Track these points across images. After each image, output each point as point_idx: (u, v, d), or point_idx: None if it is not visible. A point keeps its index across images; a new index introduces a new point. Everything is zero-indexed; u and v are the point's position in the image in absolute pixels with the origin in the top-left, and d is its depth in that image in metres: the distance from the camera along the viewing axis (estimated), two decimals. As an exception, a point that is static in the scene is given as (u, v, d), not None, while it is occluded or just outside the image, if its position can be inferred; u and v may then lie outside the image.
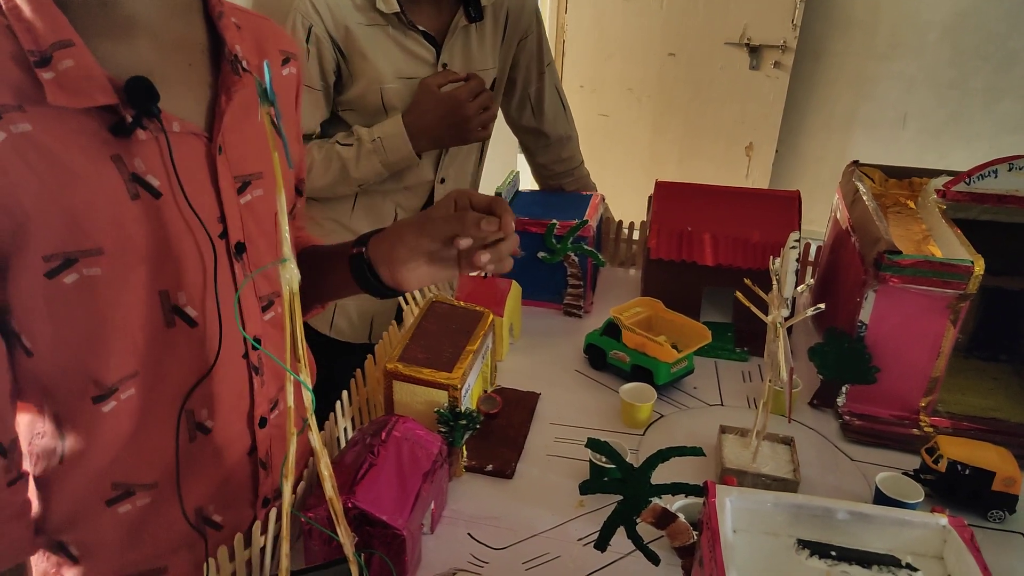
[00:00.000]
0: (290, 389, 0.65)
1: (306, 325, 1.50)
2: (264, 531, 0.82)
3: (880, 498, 0.99)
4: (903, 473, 1.03)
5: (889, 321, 1.15)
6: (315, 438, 0.68)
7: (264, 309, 0.86)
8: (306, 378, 0.65)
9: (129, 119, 0.69)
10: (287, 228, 0.61)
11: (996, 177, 1.23)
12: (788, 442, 1.09)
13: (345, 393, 1.03)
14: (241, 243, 0.80)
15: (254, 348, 0.82)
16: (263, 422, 0.86)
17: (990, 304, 1.35)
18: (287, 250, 0.62)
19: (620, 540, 0.83)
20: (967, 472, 1.00)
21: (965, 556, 0.64)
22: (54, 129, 0.67)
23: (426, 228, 0.87)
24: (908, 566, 0.59)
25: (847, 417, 1.19)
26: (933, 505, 1.00)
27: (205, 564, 0.75)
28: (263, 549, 0.83)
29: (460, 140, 1.39)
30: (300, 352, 0.65)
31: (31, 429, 0.77)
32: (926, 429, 1.17)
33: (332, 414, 0.99)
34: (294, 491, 0.88)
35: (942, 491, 1.02)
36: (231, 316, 0.81)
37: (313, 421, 0.68)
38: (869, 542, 0.69)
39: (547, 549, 0.93)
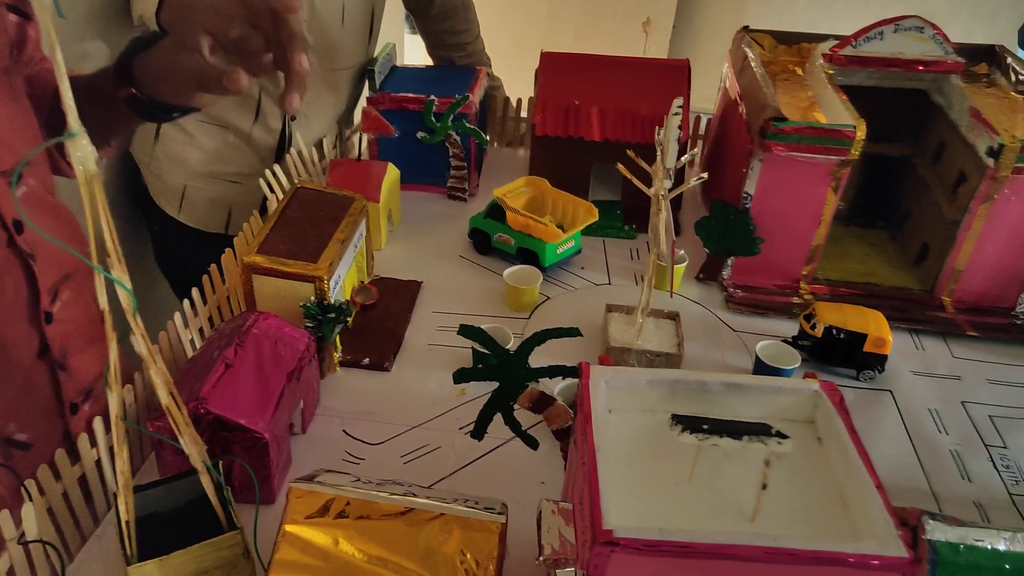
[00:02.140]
0: (100, 289, 0.56)
1: (153, 205, 1.37)
2: (94, 443, 0.74)
3: (759, 366, 1.00)
4: (782, 341, 1.04)
5: (774, 191, 1.13)
6: (140, 343, 0.60)
7: (13, 184, 0.71)
8: (121, 275, 0.56)
9: None
10: (70, 93, 0.50)
11: (882, 39, 1.20)
12: (673, 317, 1.08)
13: (196, 291, 0.94)
14: None
15: (17, 233, 0.71)
16: (48, 317, 0.75)
17: (870, 171, 1.36)
18: (75, 121, 0.51)
19: (503, 427, 0.80)
20: (841, 336, 1.01)
21: (834, 418, 0.64)
22: None
23: (181, 81, 0.71)
24: (778, 433, 0.58)
25: (731, 289, 1.19)
26: (807, 370, 1.02)
27: (23, 487, 0.66)
28: (99, 464, 0.75)
29: None
30: (111, 245, 0.56)
31: None
32: (806, 297, 1.19)
33: (177, 315, 0.90)
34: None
35: (818, 355, 1.03)
36: None
37: (136, 324, 0.59)
38: (744, 411, 0.68)
39: (427, 441, 0.89)
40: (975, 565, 0.56)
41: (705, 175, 0.91)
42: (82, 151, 0.52)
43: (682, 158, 0.92)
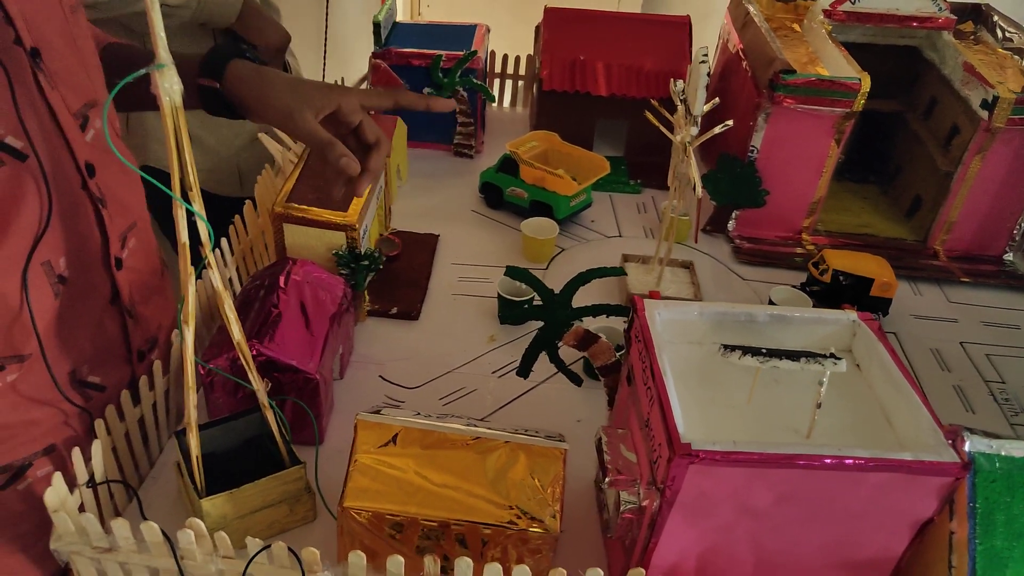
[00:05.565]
0: (182, 222, 0.57)
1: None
2: (152, 386, 0.74)
3: (774, 311, 1.04)
4: (792, 287, 1.08)
5: (780, 144, 1.17)
6: (216, 277, 0.61)
7: (82, 128, 0.69)
8: (200, 209, 0.57)
9: None
10: (160, 22, 0.51)
11: (879, -4, 1.25)
12: (687, 266, 1.11)
13: (224, 241, 0.94)
14: (36, 48, 0.63)
15: (90, 176, 0.68)
16: (119, 263, 0.75)
17: (862, 127, 1.40)
18: (164, 52, 0.51)
19: (533, 370, 0.82)
20: (848, 281, 1.06)
21: (875, 345, 0.68)
22: None
23: (289, 125, 0.80)
24: (832, 355, 0.61)
25: (738, 241, 1.23)
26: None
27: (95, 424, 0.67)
28: (155, 406, 0.76)
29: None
30: (190, 178, 0.56)
31: None
32: (808, 247, 1.24)
33: (209, 263, 0.90)
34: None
35: (826, 300, 1.08)
36: (54, 144, 0.65)
37: (212, 257, 0.60)
38: (784, 341, 0.71)
39: (463, 384, 0.92)
40: (1009, 473, 0.61)
41: (730, 122, 0.94)
42: (169, 81, 0.52)
43: (705, 105, 0.95)
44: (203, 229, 0.58)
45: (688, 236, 1.21)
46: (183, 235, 0.57)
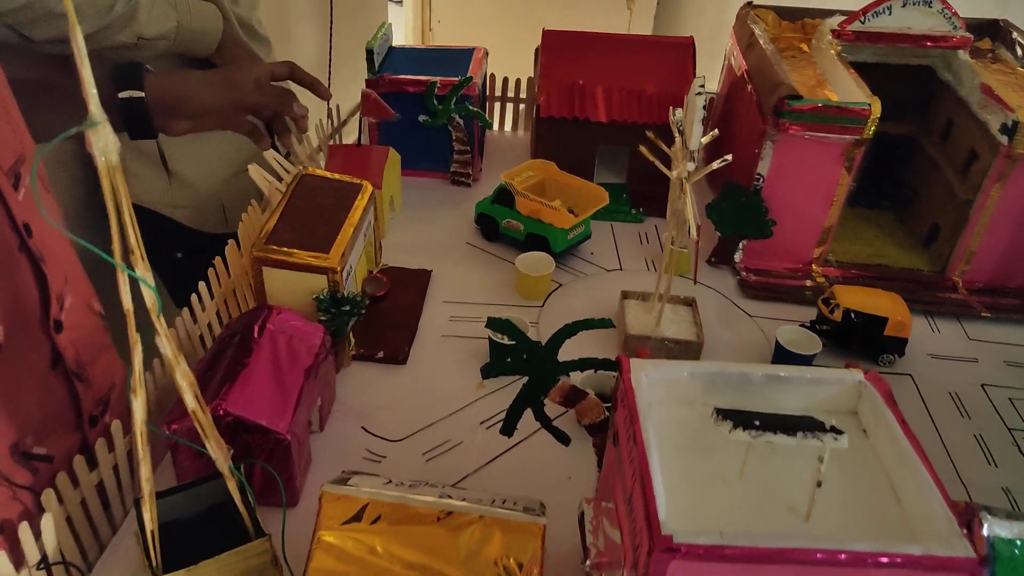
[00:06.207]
0: (124, 288, 0.53)
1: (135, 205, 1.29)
2: (111, 449, 0.71)
3: (780, 352, 0.98)
4: (800, 325, 1.03)
5: (787, 172, 1.11)
6: (166, 345, 0.57)
7: (15, 187, 0.64)
8: (144, 273, 0.53)
9: None
10: (91, 79, 0.47)
11: (890, 14, 1.19)
12: (690, 303, 1.06)
13: (203, 285, 0.90)
14: None
15: (28, 236, 0.63)
16: (58, 326, 0.70)
17: (875, 151, 1.34)
18: (96, 108, 0.48)
19: (523, 420, 0.77)
20: (859, 320, 1.00)
21: (882, 410, 0.62)
22: None
23: (235, 96, 0.82)
24: (832, 429, 0.56)
25: (744, 273, 1.17)
26: (829, 354, 1.01)
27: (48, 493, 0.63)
28: (116, 469, 0.72)
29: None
30: (133, 241, 0.52)
31: None
32: (818, 280, 1.18)
33: (186, 310, 0.87)
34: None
35: (837, 340, 1.02)
36: None
37: (161, 324, 0.56)
38: (784, 403, 0.66)
39: (448, 436, 0.87)
40: (1032, 558, 0.55)
41: (729, 157, 0.88)
42: (104, 140, 0.48)
43: (702, 139, 0.90)
44: (149, 295, 0.54)
45: (690, 270, 1.16)
46: (127, 301, 0.53)
